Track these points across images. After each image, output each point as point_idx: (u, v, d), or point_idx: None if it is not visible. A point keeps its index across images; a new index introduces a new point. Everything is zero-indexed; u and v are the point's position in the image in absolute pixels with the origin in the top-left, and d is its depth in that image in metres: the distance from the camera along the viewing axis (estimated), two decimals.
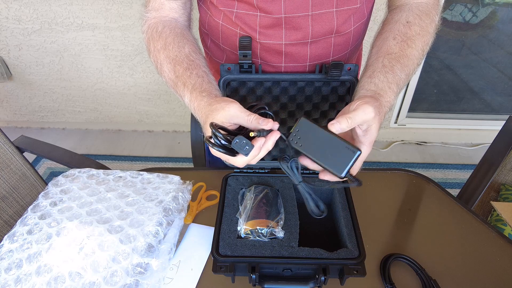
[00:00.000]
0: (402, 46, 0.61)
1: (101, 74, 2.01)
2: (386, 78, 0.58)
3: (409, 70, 0.61)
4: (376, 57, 0.62)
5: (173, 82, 0.62)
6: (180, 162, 2.06)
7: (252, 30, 0.67)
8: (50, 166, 2.04)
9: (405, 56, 0.61)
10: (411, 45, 0.62)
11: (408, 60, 0.61)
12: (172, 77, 0.62)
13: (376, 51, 0.63)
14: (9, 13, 1.77)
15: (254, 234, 0.63)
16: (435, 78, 2.16)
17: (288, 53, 0.68)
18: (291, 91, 0.72)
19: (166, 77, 0.64)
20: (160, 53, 0.64)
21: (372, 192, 0.80)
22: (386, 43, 0.63)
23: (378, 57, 0.61)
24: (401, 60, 0.60)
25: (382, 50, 0.62)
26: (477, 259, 0.67)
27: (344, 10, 0.65)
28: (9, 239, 0.63)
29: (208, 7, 0.71)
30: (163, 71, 0.64)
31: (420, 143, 2.20)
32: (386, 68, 0.59)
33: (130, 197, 0.71)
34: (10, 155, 0.96)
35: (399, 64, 0.60)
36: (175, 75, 0.62)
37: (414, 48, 0.62)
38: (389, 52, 0.61)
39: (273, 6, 0.63)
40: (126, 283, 0.57)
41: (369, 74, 0.60)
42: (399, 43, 0.62)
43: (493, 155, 0.99)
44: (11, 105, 2.20)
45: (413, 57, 0.62)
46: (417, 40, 0.62)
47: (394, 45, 0.62)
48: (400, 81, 0.59)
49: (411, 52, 0.61)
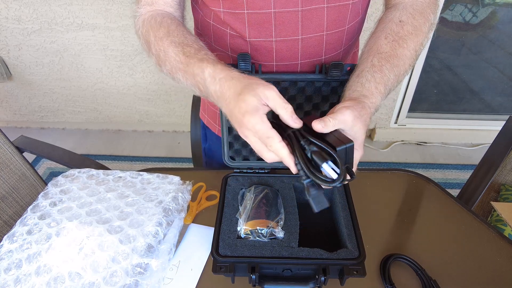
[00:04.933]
0: (393, 46, 0.60)
1: (101, 74, 2.01)
2: (374, 78, 0.57)
3: (399, 70, 0.60)
4: (366, 56, 0.61)
5: (183, 64, 0.58)
6: (180, 162, 2.06)
7: (241, 29, 0.66)
8: (50, 166, 2.04)
9: (395, 56, 0.60)
10: (402, 45, 0.61)
11: (398, 60, 0.60)
12: (181, 59, 0.58)
13: (367, 50, 0.63)
14: (9, 13, 1.77)
15: (254, 234, 0.63)
16: (435, 78, 2.16)
17: (278, 50, 0.67)
18: (291, 91, 0.72)
19: (172, 61, 0.59)
20: (163, 40, 0.61)
21: (372, 192, 0.80)
22: (377, 42, 0.62)
23: (368, 56, 0.61)
24: (391, 60, 0.59)
25: (372, 49, 0.61)
26: (477, 259, 0.67)
27: (335, 7, 0.64)
28: (9, 239, 0.63)
29: (200, 7, 0.71)
30: (168, 57, 0.60)
31: (420, 143, 2.20)
32: (375, 67, 0.58)
33: (130, 197, 0.71)
34: (9, 155, 0.96)
35: (389, 64, 0.59)
36: (185, 55, 0.58)
37: (405, 48, 0.61)
38: (379, 52, 0.60)
39: (262, 1, 0.62)
40: (126, 284, 0.57)
41: (357, 74, 0.59)
42: (390, 42, 0.61)
43: (493, 155, 0.99)
44: (11, 105, 2.20)
45: (404, 57, 0.61)
46: (409, 40, 0.61)
47: (385, 44, 0.61)
48: (388, 82, 0.58)
49: (402, 52, 0.60)
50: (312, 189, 0.48)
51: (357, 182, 0.77)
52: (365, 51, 0.63)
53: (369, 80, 0.57)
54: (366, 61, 0.60)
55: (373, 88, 0.56)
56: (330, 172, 0.45)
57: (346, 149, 0.47)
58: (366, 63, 0.60)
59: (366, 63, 0.60)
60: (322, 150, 0.47)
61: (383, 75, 0.58)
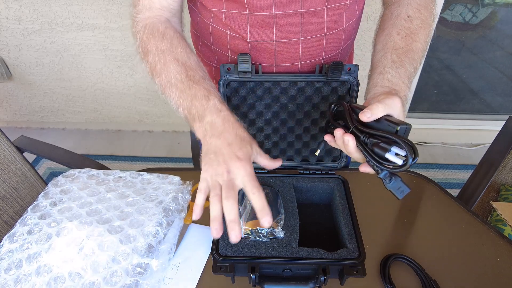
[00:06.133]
0: (407, 41, 0.62)
1: (101, 74, 2.01)
2: (398, 73, 0.58)
3: (416, 63, 0.62)
4: (383, 53, 0.62)
5: (184, 85, 0.58)
6: (180, 162, 2.06)
7: (243, 30, 0.66)
8: (50, 166, 2.04)
9: (411, 50, 0.61)
10: (415, 39, 0.62)
11: (414, 53, 0.61)
12: (183, 78, 0.59)
13: (382, 47, 0.63)
14: (9, 13, 1.77)
15: (254, 234, 0.63)
16: (435, 79, 2.16)
17: (279, 52, 0.68)
18: (291, 92, 0.72)
19: (171, 77, 0.59)
20: (165, 54, 0.62)
21: (372, 192, 0.80)
22: (391, 38, 0.63)
23: (386, 53, 0.61)
24: (409, 54, 0.61)
25: (388, 46, 0.62)
26: (477, 259, 0.67)
27: (335, 8, 0.65)
28: (9, 239, 0.63)
29: (198, 8, 0.71)
30: (167, 71, 0.60)
31: (420, 143, 2.20)
32: (396, 63, 0.59)
33: (130, 197, 0.71)
34: (10, 155, 0.96)
35: (407, 58, 0.60)
36: (188, 78, 0.59)
37: (418, 41, 0.62)
38: (395, 48, 0.61)
39: (264, 3, 0.62)
40: (126, 283, 0.57)
41: (380, 71, 0.59)
42: (403, 37, 0.62)
43: (493, 155, 0.99)
44: (11, 105, 2.20)
45: (418, 50, 0.62)
46: (420, 33, 0.63)
47: (399, 40, 0.62)
48: (410, 75, 0.60)
49: (416, 45, 0.62)
50: (388, 180, 0.50)
51: (357, 182, 0.78)
52: (379, 48, 0.64)
53: (394, 76, 0.58)
54: (385, 58, 0.61)
55: (401, 83, 0.57)
56: (395, 160, 0.46)
57: (406, 129, 0.47)
58: (385, 60, 0.60)
59: (385, 60, 0.60)
60: (381, 138, 0.48)
61: (405, 69, 0.59)
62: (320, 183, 0.75)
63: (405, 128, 0.47)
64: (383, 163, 0.47)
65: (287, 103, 0.73)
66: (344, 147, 0.54)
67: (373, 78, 0.60)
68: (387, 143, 0.47)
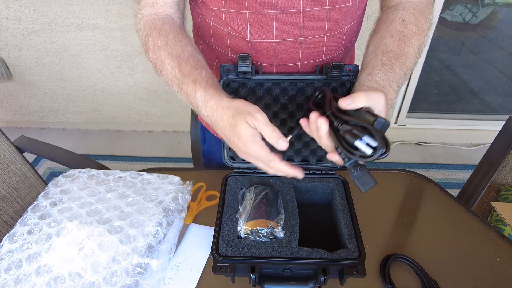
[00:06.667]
0: (399, 45, 0.61)
1: (101, 74, 2.01)
2: (387, 76, 0.57)
3: (407, 68, 0.61)
4: (374, 55, 0.61)
5: (179, 80, 0.60)
6: (180, 162, 2.06)
7: (242, 29, 0.66)
8: (50, 166, 2.04)
9: (403, 54, 0.60)
10: (408, 44, 0.61)
11: (405, 58, 0.61)
12: (176, 74, 0.60)
13: (373, 49, 0.63)
14: (9, 13, 1.77)
15: (254, 234, 0.63)
16: (435, 79, 2.16)
17: (279, 51, 0.67)
18: (291, 92, 0.72)
19: (168, 74, 0.61)
20: (161, 50, 0.62)
21: (372, 192, 0.79)
22: (383, 41, 0.62)
23: (376, 55, 0.61)
24: (399, 58, 0.60)
25: (379, 48, 0.61)
26: (477, 259, 0.67)
27: (337, 9, 0.64)
28: (9, 239, 0.63)
29: (199, 7, 0.71)
30: (165, 69, 0.62)
31: (420, 143, 2.20)
32: (386, 66, 0.58)
33: (130, 197, 0.71)
34: (10, 155, 0.96)
35: (398, 62, 0.59)
36: (181, 72, 0.60)
37: (411, 46, 0.62)
38: (387, 50, 0.60)
39: (264, 2, 0.62)
40: (126, 284, 0.57)
41: (369, 72, 0.58)
42: (396, 41, 0.61)
43: (493, 155, 0.99)
44: (11, 105, 2.20)
45: (410, 56, 0.61)
46: (414, 39, 0.62)
47: (392, 43, 0.61)
48: (399, 80, 0.59)
49: (408, 50, 0.61)
50: (354, 170, 0.48)
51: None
52: (371, 50, 0.63)
53: (383, 78, 0.57)
54: (375, 60, 0.60)
55: (388, 86, 0.56)
56: (364, 149, 0.45)
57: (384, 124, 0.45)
58: (375, 62, 0.59)
59: (375, 62, 0.60)
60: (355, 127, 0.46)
61: (395, 73, 0.58)
62: (320, 183, 0.75)
63: (383, 122, 0.45)
64: (351, 151, 0.46)
65: (287, 103, 0.73)
66: (316, 132, 0.52)
67: (360, 79, 0.58)
68: (360, 131, 0.45)
